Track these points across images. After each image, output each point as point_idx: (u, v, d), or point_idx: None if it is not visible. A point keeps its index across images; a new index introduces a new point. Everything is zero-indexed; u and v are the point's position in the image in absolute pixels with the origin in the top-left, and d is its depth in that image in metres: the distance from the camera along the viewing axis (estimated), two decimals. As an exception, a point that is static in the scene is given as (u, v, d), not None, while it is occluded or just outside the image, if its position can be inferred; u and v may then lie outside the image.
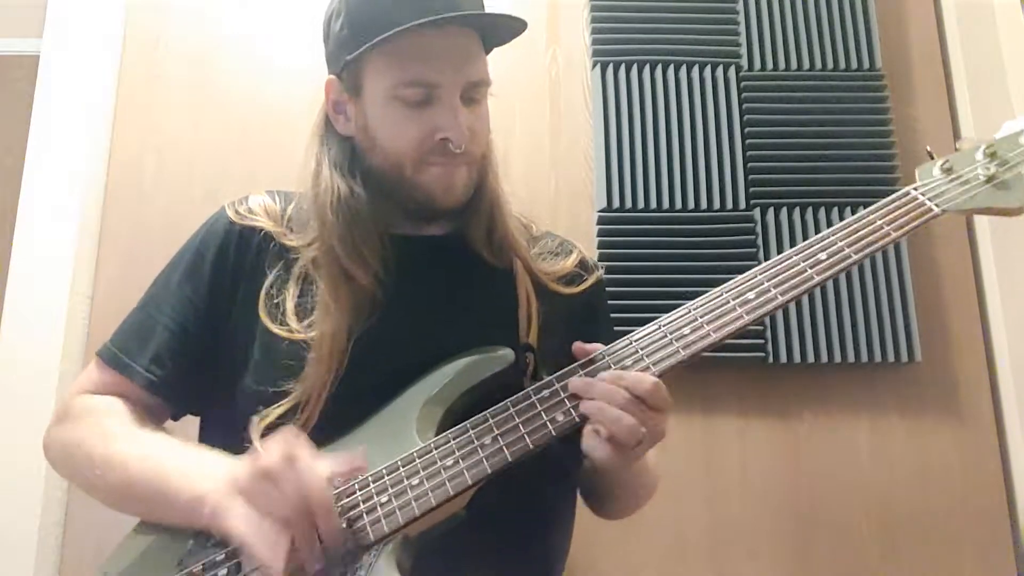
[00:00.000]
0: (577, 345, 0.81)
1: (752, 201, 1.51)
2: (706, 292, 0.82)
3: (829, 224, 1.49)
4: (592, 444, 0.75)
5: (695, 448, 1.44)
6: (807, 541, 1.40)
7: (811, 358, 1.44)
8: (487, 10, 0.90)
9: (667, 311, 0.81)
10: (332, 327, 0.83)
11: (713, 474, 1.43)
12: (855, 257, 0.78)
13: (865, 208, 1.44)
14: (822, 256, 0.79)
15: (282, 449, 0.69)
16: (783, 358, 1.44)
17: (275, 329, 0.85)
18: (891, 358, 1.44)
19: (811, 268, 0.79)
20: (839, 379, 1.47)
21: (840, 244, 0.80)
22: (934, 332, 1.49)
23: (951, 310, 1.51)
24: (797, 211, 1.50)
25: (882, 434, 1.45)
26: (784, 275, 0.79)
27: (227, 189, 0.96)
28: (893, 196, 0.82)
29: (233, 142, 1.56)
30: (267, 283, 0.88)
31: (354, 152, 0.92)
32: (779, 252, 1.46)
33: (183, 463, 0.78)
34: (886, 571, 1.39)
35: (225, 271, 0.90)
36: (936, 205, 0.80)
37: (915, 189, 0.82)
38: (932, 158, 0.85)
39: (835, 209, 1.50)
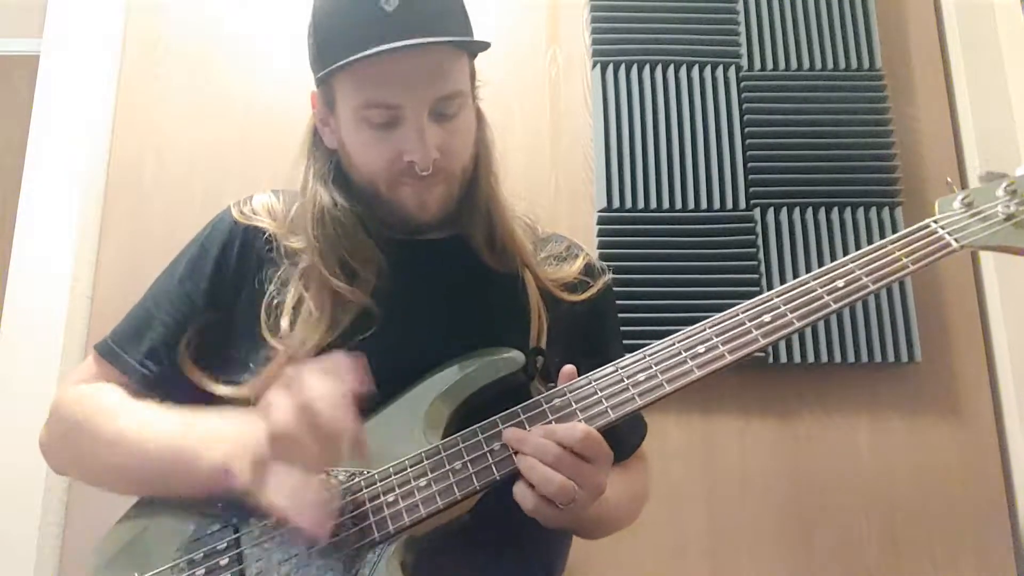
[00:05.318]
0: (565, 369, 0.79)
1: (752, 201, 1.51)
2: (706, 292, 0.81)
3: (829, 224, 1.49)
4: (523, 495, 0.72)
5: (695, 448, 1.44)
6: (807, 541, 1.40)
7: (811, 358, 1.44)
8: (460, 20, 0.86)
9: (667, 311, 0.81)
10: (311, 339, 0.82)
11: (713, 474, 1.43)
12: (872, 287, 0.78)
13: (864, 208, 1.48)
14: (840, 284, 0.79)
15: (294, 401, 0.67)
16: (783, 358, 1.44)
17: (269, 335, 0.84)
18: (891, 358, 1.44)
19: (828, 295, 0.78)
20: (839, 379, 1.47)
21: (858, 273, 0.79)
22: (934, 332, 1.49)
23: (951, 310, 1.51)
24: (797, 211, 1.50)
25: (882, 434, 1.45)
26: (801, 300, 0.79)
27: (227, 189, 0.96)
28: (913, 228, 0.82)
29: (233, 142, 1.56)
30: (269, 287, 0.87)
31: (339, 164, 0.91)
32: (779, 252, 1.48)
33: (197, 428, 0.76)
34: (886, 571, 1.39)
35: (227, 271, 0.90)
36: (955, 240, 0.79)
37: (935, 222, 0.81)
38: (953, 190, 0.84)
39: (835, 209, 1.50)
